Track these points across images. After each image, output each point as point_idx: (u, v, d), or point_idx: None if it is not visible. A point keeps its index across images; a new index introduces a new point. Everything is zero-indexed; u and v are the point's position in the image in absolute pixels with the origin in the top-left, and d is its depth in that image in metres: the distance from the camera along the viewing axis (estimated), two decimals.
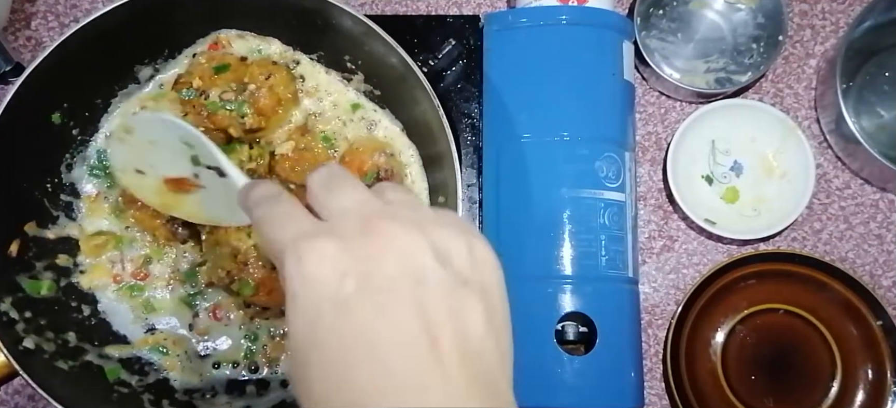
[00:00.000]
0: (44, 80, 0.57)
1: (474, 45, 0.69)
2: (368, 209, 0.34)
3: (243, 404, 0.62)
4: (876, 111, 0.71)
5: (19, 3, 0.71)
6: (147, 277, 0.65)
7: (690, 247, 0.70)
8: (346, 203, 0.34)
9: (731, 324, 0.67)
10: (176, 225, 0.63)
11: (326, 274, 0.31)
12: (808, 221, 0.70)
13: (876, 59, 0.71)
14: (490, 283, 0.33)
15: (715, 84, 0.70)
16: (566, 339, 0.60)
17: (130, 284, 0.64)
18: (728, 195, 0.70)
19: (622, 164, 0.62)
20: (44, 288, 0.61)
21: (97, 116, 0.65)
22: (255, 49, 0.66)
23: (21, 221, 0.60)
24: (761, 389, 0.66)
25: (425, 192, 0.63)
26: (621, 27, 0.65)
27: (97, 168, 0.65)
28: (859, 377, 0.66)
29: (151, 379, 0.62)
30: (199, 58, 0.64)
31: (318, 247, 0.32)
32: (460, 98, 0.68)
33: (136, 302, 0.64)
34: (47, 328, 0.59)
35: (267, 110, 0.62)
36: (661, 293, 0.69)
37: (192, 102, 0.62)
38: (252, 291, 0.60)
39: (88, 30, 0.57)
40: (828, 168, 0.71)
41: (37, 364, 0.56)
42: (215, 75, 0.63)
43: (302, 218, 0.35)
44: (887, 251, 0.70)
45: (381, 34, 0.58)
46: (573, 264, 0.60)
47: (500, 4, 0.73)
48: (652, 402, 0.68)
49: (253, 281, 0.60)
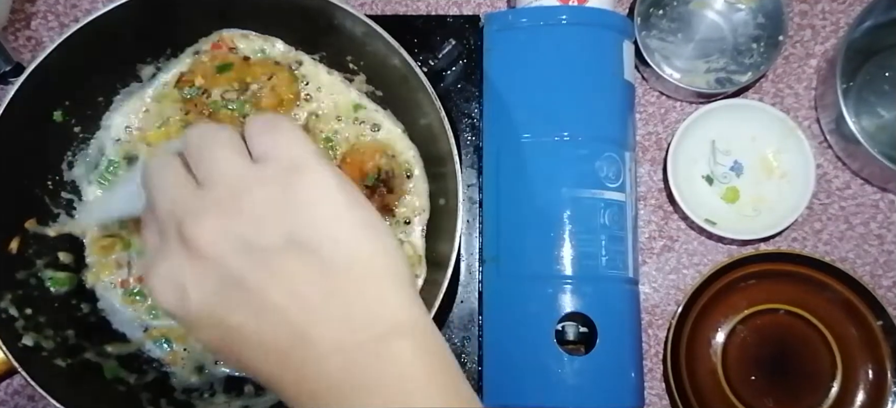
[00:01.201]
0: (45, 79, 0.57)
1: (474, 45, 0.69)
2: (179, 211, 0.34)
3: (242, 404, 0.62)
4: (876, 111, 0.71)
5: (19, 3, 0.71)
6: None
7: (690, 247, 0.70)
8: (164, 206, 0.35)
9: (732, 324, 0.67)
10: None
11: (171, 302, 0.34)
12: (808, 221, 0.70)
13: (876, 59, 0.71)
14: (322, 215, 0.33)
15: (715, 84, 0.70)
16: (566, 339, 0.60)
17: (136, 290, 0.64)
18: (728, 195, 0.70)
19: (622, 164, 0.62)
20: (67, 283, 0.61)
21: (99, 113, 0.65)
22: (259, 49, 0.66)
23: (21, 218, 0.60)
24: (761, 389, 0.66)
25: (426, 193, 0.63)
26: (621, 27, 0.65)
27: (106, 175, 0.65)
28: (859, 377, 0.66)
29: (150, 377, 0.62)
30: (202, 57, 0.64)
31: (154, 279, 0.34)
32: (460, 98, 0.68)
33: (140, 307, 0.64)
34: (47, 326, 0.59)
35: (269, 110, 0.62)
36: (661, 293, 0.69)
37: (194, 100, 0.62)
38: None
39: (88, 29, 0.57)
40: (828, 168, 0.71)
41: (36, 362, 0.56)
42: (218, 74, 0.63)
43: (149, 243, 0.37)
44: (888, 251, 0.70)
45: (383, 35, 0.58)
46: (573, 264, 0.60)
47: (500, 4, 0.73)
48: (652, 402, 0.68)
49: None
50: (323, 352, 0.32)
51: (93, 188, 0.65)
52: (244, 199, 0.33)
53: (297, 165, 0.34)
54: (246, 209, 0.33)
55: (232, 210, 0.33)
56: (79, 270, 0.63)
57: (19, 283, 0.59)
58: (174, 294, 0.33)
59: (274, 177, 0.33)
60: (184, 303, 0.33)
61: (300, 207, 0.33)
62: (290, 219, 0.33)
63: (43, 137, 0.61)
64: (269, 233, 0.32)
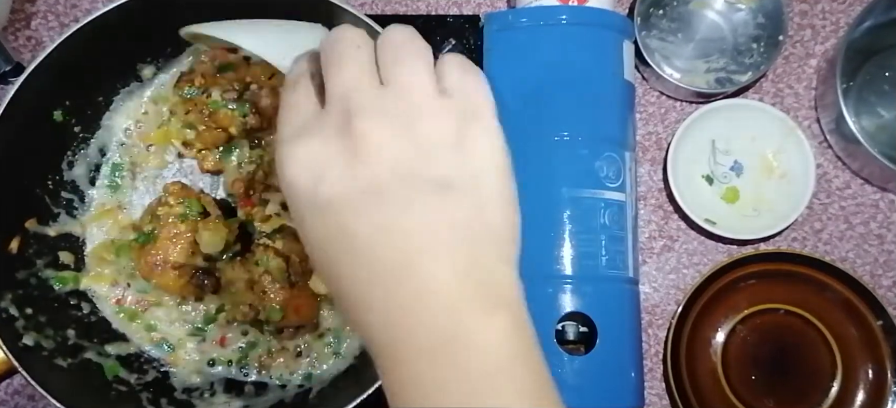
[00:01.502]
0: (45, 78, 0.57)
1: (474, 45, 0.69)
2: (354, 101, 0.33)
3: (242, 404, 0.62)
4: (876, 111, 0.71)
5: (19, 3, 0.71)
6: (148, 309, 0.64)
7: (690, 247, 0.70)
8: (339, 88, 0.34)
9: (732, 324, 0.67)
10: (201, 277, 0.62)
11: (302, 181, 0.33)
12: (808, 221, 0.70)
13: (876, 59, 0.71)
14: (480, 169, 0.33)
15: (715, 84, 0.70)
16: (566, 339, 0.60)
17: (131, 310, 0.64)
18: (728, 195, 0.70)
19: (622, 164, 0.62)
20: (69, 281, 0.61)
21: (99, 113, 0.65)
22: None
23: (22, 217, 0.60)
24: (761, 389, 0.66)
25: None
26: (621, 27, 0.65)
27: (112, 180, 0.65)
28: (859, 377, 0.66)
29: (150, 377, 0.62)
30: (203, 56, 0.64)
31: (294, 152, 0.33)
32: None
33: (136, 324, 0.64)
34: (47, 325, 0.59)
35: (268, 111, 0.62)
36: (661, 293, 0.69)
37: (194, 100, 0.62)
38: (280, 315, 0.59)
39: (88, 29, 0.57)
40: (828, 168, 0.71)
41: (36, 361, 0.56)
42: (219, 74, 0.63)
43: (301, 111, 0.35)
44: (888, 251, 0.70)
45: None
46: (573, 264, 0.60)
47: (500, 4, 0.73)
48: (652, 402, 0.68)
49: (278, 305, 0.59)
50: (427, 288, 0.31)
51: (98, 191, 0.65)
52: (421, 122, 0.33)
53: (477, 113, 0.34)
54: (419, 133, 0.32)
55: (406, 126, 0.32)
56: (79, 270, 0.64)
57: (20, 282, 0.59)
58: (309, 173, 0.32)
59: (454, 114, 0.33)
60: (316, 186, 0.32)
61: (466, 156, 0.33)
62: (455, 161, 0.33)
63: (43, 137, 0.61)
64: (430, 167, 0.32)
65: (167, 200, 0.61)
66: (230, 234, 0.62)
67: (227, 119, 0.62)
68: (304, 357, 0.63)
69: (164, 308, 0.64)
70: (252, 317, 0.60)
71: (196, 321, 0.64)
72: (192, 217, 0.60)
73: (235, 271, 0.60)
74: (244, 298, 0.60)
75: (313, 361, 0.63)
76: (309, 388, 0.62)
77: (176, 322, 0.64)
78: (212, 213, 0.61)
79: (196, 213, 0.61)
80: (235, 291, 0.60)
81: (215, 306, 0.63)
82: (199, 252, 0.61)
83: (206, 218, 0.61)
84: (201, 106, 0.62)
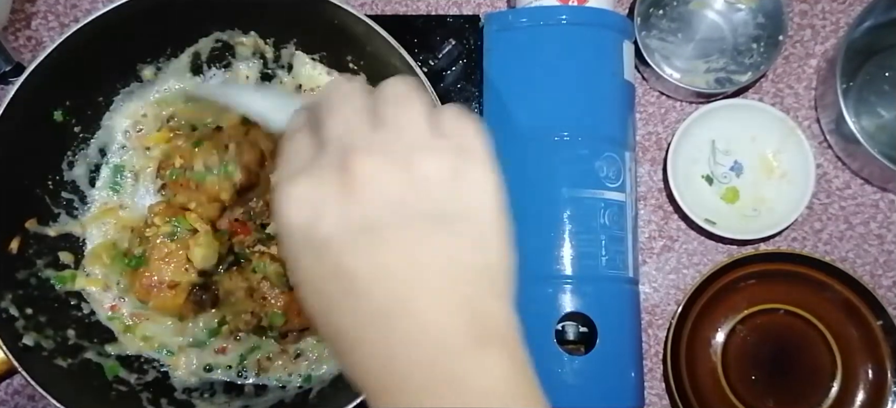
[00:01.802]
0: (45, 79, 0.57)
1: (474, 45, 0.69)
2: (350, 140, 0.33)
3: (242, 404, 0.62)
4: (876, 111, 0.71)
5: (19, 3, 0.71)
6: (142, 322, 0.64)
7: (690, 247, 0.70)
8: (336, 129, 0.34)
9: (732, 324, 0.67)
10: (199, 293, 0.61)
11: (300, 221, 0.33)
12: (808, 221, 0.70)
13: (876, 59, 0.71)
14: (475, 205, 0.33)
15: (715, 84, 0.70)
16: (566, 339, 0.60)
17: (127, 324, 0.63)
18: (728, 195, 0.70)
19: (622, 164, 0.62)
20: (68, 281, 0.61)
21: (99, 113, 0.65)
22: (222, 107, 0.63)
23: (22, 218, 0.60)
24: (761, 389, 0.66)
25: None
26: (621, 27, 0.65)
27: (113, 180, 0.65)
28: (859, 377, 0.66)
29: (150, 377, 0.62)
30: (176, 140, 0.63)
31: (291, 192, 0.33)
32: (460, 98, 0.68)
33: (131, 334, 0.63)
34: (47, 325, 0.59)
35: (252, 164, 0.62)
36: (661, 293, 0.69)
37: (178, 181, 0.62)
38: (283, 319, 0.59)
39: (88, 29, 0.57)
40: (828, 168, 0.71)
41: (36, 362, 0.56)
42: (195, 149, 0.62)
43: (298, 156, 0.35)
44: (887, 251, 0.70)
45: (383, 35, 0.58)
46: (573, 264, 0.60)
47: (500, 4, 0.73)
48: (652, 402, 0.68)
49: (279, 309, 0.59)
50: (420, 326, 0.31)
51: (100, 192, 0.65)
52: (416, 159, 0.33)
53: (472, 151, 0.34)
54: (415, 170, 0.32)
55: (402, 164, 0.33)
56: (79, 270, 0.64)
57: (20, 283, 0.59)
58: (306, 212, 0.32)
59: (450, 152, 0.33)
60: (312, 224, 0.32)
61: (462, 192, 0.33)
62: (450, 197, 0.33)
63: (43, 137, 0.61)
64: (426, 201, 0.32)
65: (153, 222, 0.61)
66: (222, 246, 0.62)
67: (215, 186, 0.61)
68: (303, 360, 0.63)
69: (161, 325, 0.63)
70: (254, 324, 0.60)
71: (198, 336, 0.63)
72: (182, 235, 0.60)
73: (233, 281, 0.60)
74: (245, 307, 0.60)
75: (312, 363, 0.63)
76: (309, 388, 0.62)
77: (177, 337, 0.63)
78: (200, 229, 0.61)
79: (185, 230, 0.60)
80: (235, 301, 0.60)
81: (217, 320, 0.63)
82: (194, 268, 0.60)
83: (196, 234, 0.61)
84: (186, 183, 0.61)
